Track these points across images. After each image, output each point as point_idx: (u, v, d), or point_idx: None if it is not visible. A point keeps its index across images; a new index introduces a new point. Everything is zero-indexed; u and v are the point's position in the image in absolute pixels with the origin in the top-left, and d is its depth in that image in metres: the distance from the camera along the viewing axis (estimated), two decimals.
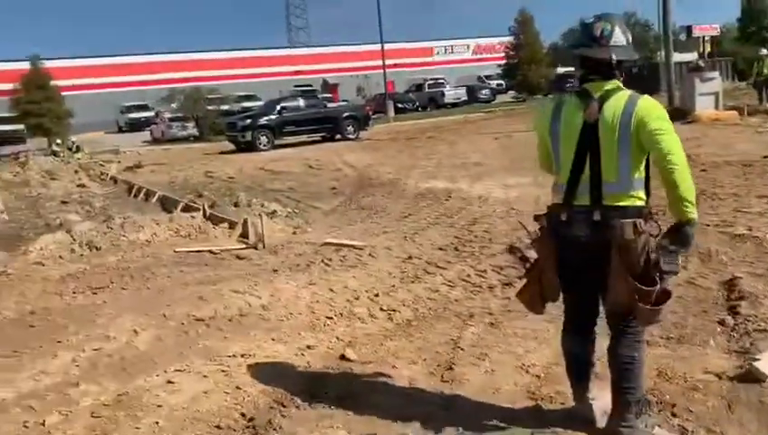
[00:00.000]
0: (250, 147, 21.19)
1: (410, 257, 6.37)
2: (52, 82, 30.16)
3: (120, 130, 41.21)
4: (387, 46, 38.61)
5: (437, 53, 59.21)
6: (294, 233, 7.90)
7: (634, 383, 2.79)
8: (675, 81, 19.51)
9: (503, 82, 45.29)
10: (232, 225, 7.89)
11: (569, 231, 2.70)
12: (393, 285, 5.49)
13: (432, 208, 8.96)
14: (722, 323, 4.11)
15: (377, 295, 5.22)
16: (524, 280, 3.09)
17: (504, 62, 42.44)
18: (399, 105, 37.86)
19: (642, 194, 2.65)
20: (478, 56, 58.71)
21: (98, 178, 16.01)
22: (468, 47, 60.51)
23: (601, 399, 2.96)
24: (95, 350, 4.37)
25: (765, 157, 10.16)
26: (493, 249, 6.40)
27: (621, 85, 2.68)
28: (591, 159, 2.63)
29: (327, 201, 10.31)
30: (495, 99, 42.01)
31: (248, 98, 37.66)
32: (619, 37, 2.67)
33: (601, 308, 2.88)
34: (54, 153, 23.09)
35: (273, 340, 4.37)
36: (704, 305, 4.44)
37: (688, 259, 5.13)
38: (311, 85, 46.19)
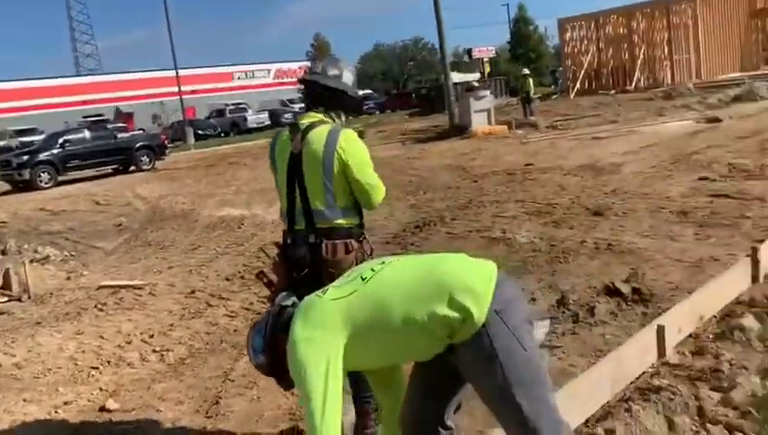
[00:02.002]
0: (29, 186, 19.32)
1: (193, 292, 6.21)
2: None
3: None
4: (183, 72, 37.46)
5: (238, 77, 58.38)
6: (68, 278, 7.31)
7: (369, 392, 2.97)
8: (455, 100, 21.19)
9: (305, 105, 46.13)
10: None
11: (293, 254, 2.82)
12: (171, 324, 5.31)
13: (223, 238, 8.82)
14: None
15: (151, 337, 5.01)
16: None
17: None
18: (200, 132, 37.07)
19: (353, 218, 2.85)
20: (280, 80, 58.94)
21: None
22: (269, 72, 60.51)
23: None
24: None
25: (527, 165, 11.43)
26: None
27: (325, 118, 2.88)
28: (300, 187, 2.79)
29: (110, 239, 9.68)
30: None
31: (28, 132, 34.43)
32: (332, 70, 2.90)
33: None
34: None
35: (24, 401, 4.00)
36: None
37: None
38: (102, 115, 43.17)
